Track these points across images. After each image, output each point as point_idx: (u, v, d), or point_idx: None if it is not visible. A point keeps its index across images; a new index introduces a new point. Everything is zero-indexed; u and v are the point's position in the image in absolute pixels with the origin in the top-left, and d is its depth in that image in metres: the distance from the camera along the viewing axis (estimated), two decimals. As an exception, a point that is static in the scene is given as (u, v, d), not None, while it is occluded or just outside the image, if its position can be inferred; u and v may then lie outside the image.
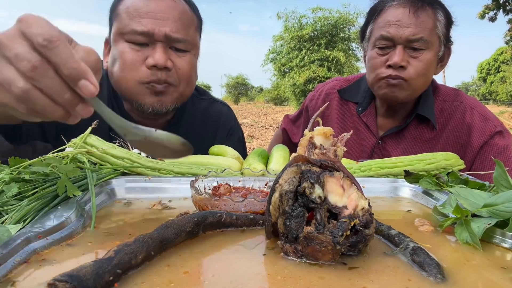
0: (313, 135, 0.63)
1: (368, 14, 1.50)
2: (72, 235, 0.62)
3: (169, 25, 1.19)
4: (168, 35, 1.19)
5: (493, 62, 50.83)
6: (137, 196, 0.89)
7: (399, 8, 1.37)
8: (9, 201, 0.74)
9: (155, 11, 1.18)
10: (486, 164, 1.40)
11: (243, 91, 49.53)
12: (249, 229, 0.66)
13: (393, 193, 0.96)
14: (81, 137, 1.00)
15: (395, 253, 0.57)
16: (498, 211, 0.63)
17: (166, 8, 1.20)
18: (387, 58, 1.38)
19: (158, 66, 1.18)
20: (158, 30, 1.18)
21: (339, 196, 0.55)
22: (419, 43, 1.34)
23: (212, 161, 1.12)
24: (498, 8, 16.43)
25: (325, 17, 27.01)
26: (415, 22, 1.33)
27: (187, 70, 1.27)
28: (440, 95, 1.53)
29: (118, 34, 1.22)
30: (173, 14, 1.21)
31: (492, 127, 1.43)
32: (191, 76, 1.30)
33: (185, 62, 1.26)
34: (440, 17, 1.38)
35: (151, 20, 1.18)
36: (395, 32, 1.35)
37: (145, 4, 1.19)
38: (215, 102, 1.60)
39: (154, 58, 1.18)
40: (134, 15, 1.18)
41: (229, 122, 1.59)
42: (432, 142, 1.48)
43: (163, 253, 0.54)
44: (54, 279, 0.40)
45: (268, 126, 12.41)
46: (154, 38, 1.18)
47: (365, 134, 1.59)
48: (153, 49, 1.19)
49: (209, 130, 1.51)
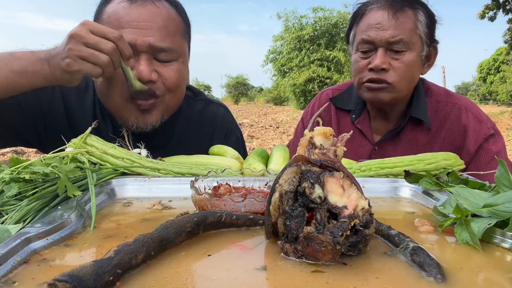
0: (313, 135, 0.63)
1: (351, 18, 1.50)
2: (72, 235, 0.62)
3: (152, 34, 1.12)
4: (152, 45, 1.13)
5: (493, 62, 50.84)
6: (137, 196, 0.89)
7: (379, 11, 1.38)
8: (9, 201, 0.74)
9: (137, 20, 1.12)
10: (481, 168, 1.40)
11: (243, 91, 49.54)
12: (249, 229, 0.66)
13: (393, 193, 0.96)
14: (81, 137, 1.00)
15: (395, 253, 0.57)
16: (498, 211, 0.63)
17: (149, 15, 1.13)
18: (369, 61, 1.39)
19: (142, 80, 1.12)
20: (141, 41, 1.11)
21: (339, 196, 0.55)
22: (399, 45, 1.34)
23: (212, 161, 1.12)
24: (498, 7, 16.43)
25: (325, 17, 27.02)
26: (394, 24, 1.34)
27: (174, 80, 1.20)
28: (433, 95, 1.52)
29: None
30: (157, 22, 1.14)
31: (486, 129, 1.44)
32: (178, 85, 1.24)
33: (171, 72, 1.19)
34: (421, 17, 1.38)
35: (133, 30, 1.11)
36: (375, 35, 1.35)
37: (126, 13, 1.12)
38: (211, 103, 1.54)
39: (137, 71, 1.12)
40: (116, 25, 1.11)
41: (226, 123, 1.55)
42: (429, 144, 1.48)
43: (163, 253, 0.54)
44: (54, 279, 0.40)
45: (268, 126, 12.42)
46: (137, 49, 1.11)
47: (361, 141, 1.58)
48: (137, 61, 1.13)
49: (206, 132, 1.47)
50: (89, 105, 1.31)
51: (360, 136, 1.58)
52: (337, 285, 0.47)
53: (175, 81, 1.21)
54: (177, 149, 1.24)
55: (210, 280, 0.48)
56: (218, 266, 0.52)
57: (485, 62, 53.07)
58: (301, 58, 26.52)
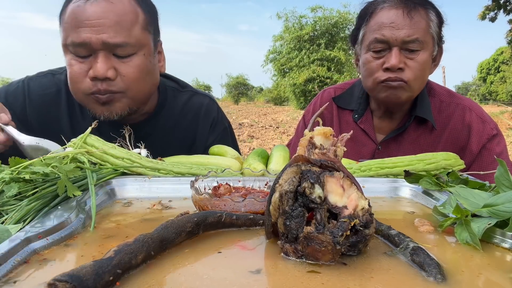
0: (313, 135, 0.63)
1: (359, 17, 1.48)
2: (72, 235, 0.62)
3: (105, 30, 1.13)
4: (106, 42, 1.14)
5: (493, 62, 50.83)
6: (137, 196, 0.89)
7: (392, 9, 1.36)
8: (9, 201, 0.74)
9: (90, 18, 1.13)
10: (484, 168, 1.40)
11: (243, 91, 49.51)
12: (249, 229, 0.66)
13: (393, 193, 0.96)
14: (81, 137, 1.00)
15: (395, 253, 0.57)
16: (498, 211, 0.63)
17: (102, 12, 1.14)
18: (383, 61, 1.37)
19: (98, 78, 1.15)
20: (96, 39, 1.13)
21: (339, 196, 0.55)
22: (415, 44, 1.33)
23: (212, 161, 1.12)
24: (498, 8, 16.42)
25: (325, 17, 27.03)
26: (409, 23, 1.32)
27: (133, 76, 1.21)
28: (436, 95, 1.52)
29: (63, 45, 1.19)
30: (110, 18, 1.14)
31: (489, 130, 1.44)
32: (139, 80, 1.23)
33: (130, 68, 1.20)
34: (433, 16, 1.37)
35: (88, 29, 1.13)
36: (390, 34, 1.33)
37: (81, 11, 1.14)
38: (196, 94, 1.55)
39: (94, 69, 1.14)
40: (73, 25, 1.14)
41: (211, 113, 1.54)
42: (432, 144, 1.47)
43: (163, 253, 0.54)
44: (54, 279, 0.40)
45: (268, 126, 12.41)
46: (93, 47, 1.13)
47: (364, 141, 1.57)
48: (95, 58, 1.15)
49: (190, 123, 1.49)
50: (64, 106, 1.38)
51: (363, 135, 1.57)
52: (337, 285, 0.47)
53: (133, 77, 1.21)
54: (162, 139, 1.29)
55: (210, 280, 0.48)
56: (218, 266, 0.52)
57: (485, 62, 53.05)
58: (301, 58, 26.53)
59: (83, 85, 1.19)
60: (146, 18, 1.25)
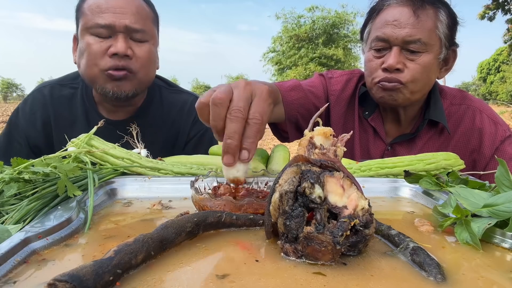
0: (313, 135, 0.63)
1: (368, 14, 1.43)
2: (72, 235, 0.62)
3: (128, 17, 1.34)
4: (128, 26, 1.34)
5: (493, 62, 50.85)
6: (137, 196, 0.89)
7: (398, 7, 1.30)
8: (9, 201, 0.74)
9: (114, 6, 1.34)
10: None
11: (243, 91, 49.29)
12: (249, 229, 0.66)
13: (393, 193, 0.96)
14: (85, 137, 1.00)
15: (395, 253, 0.57)
16: (498, 211, 0.63)
17: (124, 3, 1.36)
18: (383, 61, 1.32)
19: (119, 54, 1.33)
20: (119, 23, 1.33)
21: (339, 196, 0.55)
22: (416, 45, 1.27)
23: (212, 161, 1.12)
24: (498, 8, 16.42)
25: (323, 17, 27.04)
26: (413, 23, 1.25)
27: (146, 58, 1.40)
28: (447, 98, 1.46)
29: (84, 29, 1.36)
30: (131, 8, 1.36)
31: (502, 132, 1.39)
32: (150, 63, 1.43)
33: (143, 51, 1.40)
34: (442, 17, 1.30)
35: (112, 14, 1.33)
36: (391, 32, 1.27)
37: (105, 1, 1.34)
38: (182, 92, 1.70)
39: (116, 47, 1.32)
40: (97, 11, 1.33)
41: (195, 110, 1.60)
42: (443, 147, 1.43)
43: (163, 253, 0.54)
44: (54, 279, 0.40)
45: (268, 126, 12.39)
46: (115, 29, 1.33)
47: (373, 139, 1.51)
48: (115, 39, 1.34)
49: (174, 119, 1.60)
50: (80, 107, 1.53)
51: (373, 134, 1.51)
52: (337, 285, 0.47)
53: (146, 59, 1.41)
54: (150, 135, 1.41)
55: (210, 280, 0.48)
56: (218, 266, 0.52)
57: (485, 62, 53.07)
58: (300, 57, 26.53)
59: (102, 62, 1.34)
60: (154, 17, 1.49)
